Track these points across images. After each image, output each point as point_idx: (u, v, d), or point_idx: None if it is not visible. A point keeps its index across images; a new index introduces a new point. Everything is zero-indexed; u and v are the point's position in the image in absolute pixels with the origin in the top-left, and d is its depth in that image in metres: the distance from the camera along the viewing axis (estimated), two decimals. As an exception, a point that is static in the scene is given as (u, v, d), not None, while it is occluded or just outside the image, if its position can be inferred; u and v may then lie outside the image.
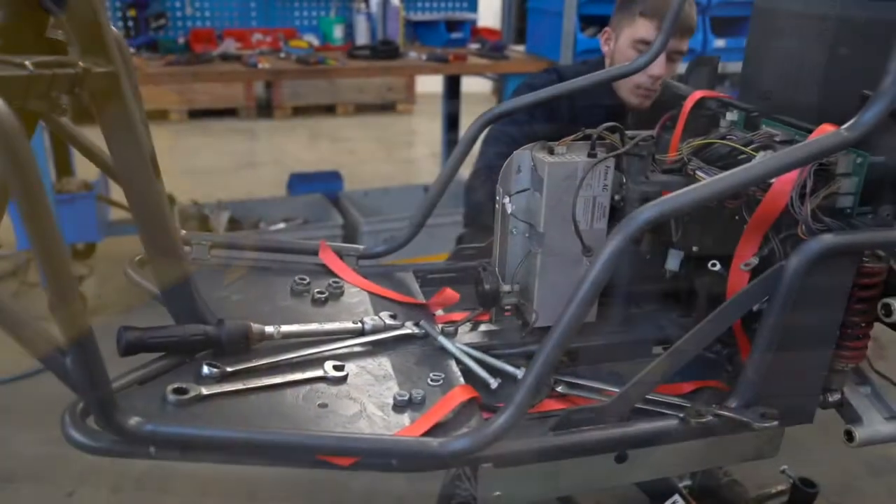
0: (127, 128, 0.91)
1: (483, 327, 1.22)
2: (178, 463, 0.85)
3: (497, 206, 1.16)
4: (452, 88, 3.98)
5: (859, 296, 1.04)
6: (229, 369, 0.99)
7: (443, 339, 1.13)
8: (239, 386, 0.97)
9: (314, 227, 3.24)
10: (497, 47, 3.40)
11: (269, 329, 1.08)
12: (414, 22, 3.80)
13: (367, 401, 0.99)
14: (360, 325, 1.15)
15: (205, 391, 0.94)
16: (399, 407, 0.98)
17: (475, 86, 4.91)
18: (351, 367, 1.06)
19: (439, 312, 1.30)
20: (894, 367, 1.16)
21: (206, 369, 0.98)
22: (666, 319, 1.24)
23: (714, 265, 1.12)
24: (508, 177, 1.14)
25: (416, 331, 1.16)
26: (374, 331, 1.15)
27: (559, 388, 1.09)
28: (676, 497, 1.70)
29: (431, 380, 1.04)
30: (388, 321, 1.17)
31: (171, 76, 2.75)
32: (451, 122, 4.06)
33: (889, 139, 0.96)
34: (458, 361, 1.10)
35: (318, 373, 1.03)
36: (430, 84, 3.91)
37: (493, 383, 1.07)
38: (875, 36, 1.03)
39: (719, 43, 3.57)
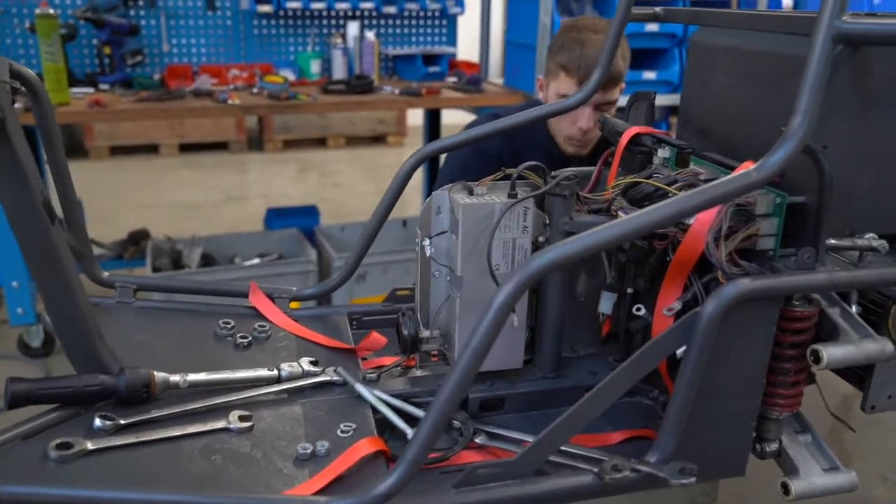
0: (14, 173, 0.88)
1: (411, 373, 1.18)
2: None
3: (417, 248, 1.13)
4: (434, 122, 3.98)
5: (790, 341, 0.99)
6: (123, 422, 0.95)
7: (359, 387, 1.08)
8: (132, 439, 0.93)
9: (288, 263, 3.20)
10: (473, 80, 3.39)
11: (174, 378, 1.04)
12: (393, 56, 3.81)
13: (270, 454, 0.94)
14: (275, 372, 1.10)
15: (91, 446, 0.89)
16: (300, 461, 0.93)
17: (465, 118, 4.90)
18: (259, 416, 1.01)
19: (371, 356, 1.25)
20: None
21: (97, 422, 0.93)
22: (600, 364, 1.20)
23: (639, 309, 1.08)
24: (428, 219, 1.10)
25: (336, 378, 1.11)
26: (291, 378, 1.10)
27: (478, 439, 1.04)
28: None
29: (342, 430, 0.99)
30: (307, 367, 1.12)
31: (140, 112, 2.74)
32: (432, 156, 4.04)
33: (806, 178, 0.92)
34: (376, 410, 1.06)
35: (222, 424, 0.99)
36: (421, 117, 3.91)
37: (410, 433, 1.02)
38: (799, 72, 1.00)
39: (696, 75, 3.56)
